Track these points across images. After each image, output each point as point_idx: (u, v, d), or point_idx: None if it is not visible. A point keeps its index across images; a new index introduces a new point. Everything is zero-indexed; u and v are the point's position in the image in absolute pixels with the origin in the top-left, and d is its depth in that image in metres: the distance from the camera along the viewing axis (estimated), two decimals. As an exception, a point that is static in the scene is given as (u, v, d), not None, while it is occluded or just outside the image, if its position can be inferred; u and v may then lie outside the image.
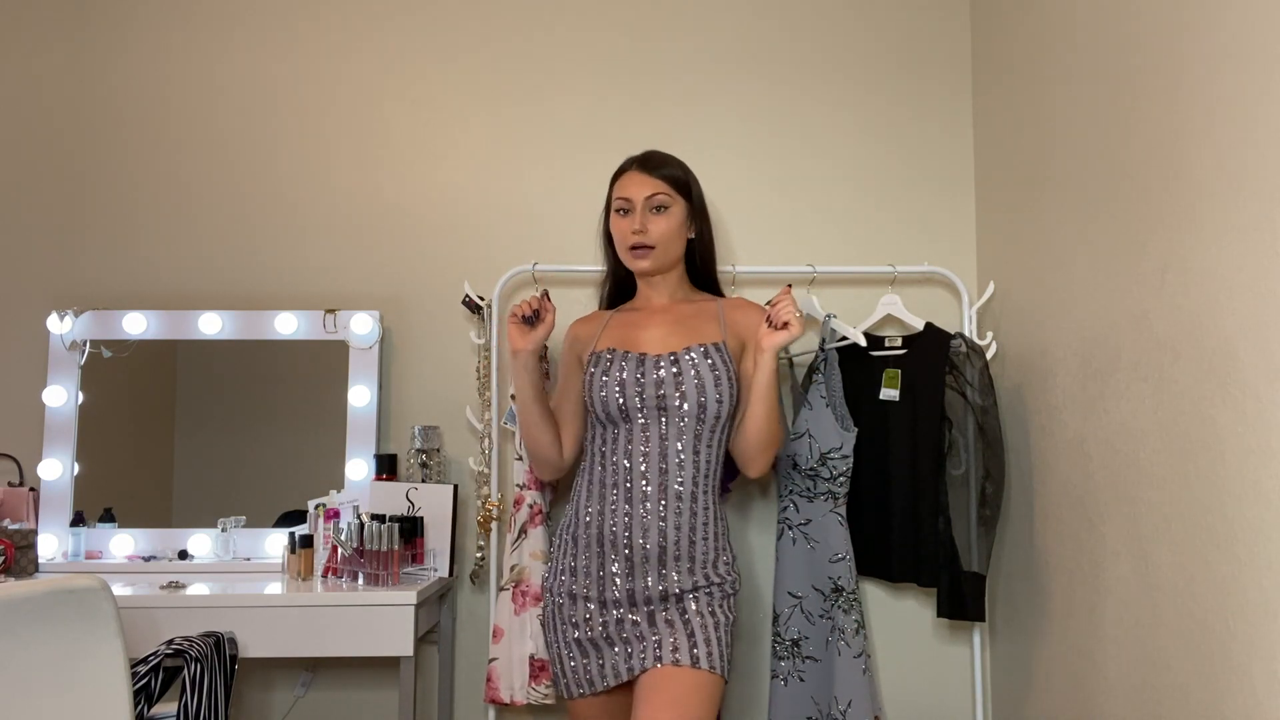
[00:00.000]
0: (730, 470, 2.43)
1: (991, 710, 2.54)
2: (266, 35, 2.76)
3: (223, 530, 2.55)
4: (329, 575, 2.36)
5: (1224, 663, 1.58)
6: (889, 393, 2.42)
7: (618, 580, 1.93)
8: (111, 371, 2.64)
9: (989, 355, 2.36)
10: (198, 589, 2.23)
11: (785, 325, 1.90)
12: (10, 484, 2.61)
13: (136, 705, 1.82)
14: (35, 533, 2.42)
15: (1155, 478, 1.78)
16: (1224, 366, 1.58)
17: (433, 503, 2.42)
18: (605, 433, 1.99)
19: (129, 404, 2.69)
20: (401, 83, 2.74)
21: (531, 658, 2.29)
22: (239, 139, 2.73)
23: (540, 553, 2.35)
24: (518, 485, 2.41)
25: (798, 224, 2.71)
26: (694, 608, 1.91)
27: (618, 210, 2.08)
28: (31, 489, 2.57)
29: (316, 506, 2.43)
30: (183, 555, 2.57)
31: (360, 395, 2.62)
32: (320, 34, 2.76)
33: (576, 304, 2.60)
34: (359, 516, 2.35)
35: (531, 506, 2.38)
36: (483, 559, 2.52)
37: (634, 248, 2.04)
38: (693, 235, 2.11)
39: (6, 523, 2.41)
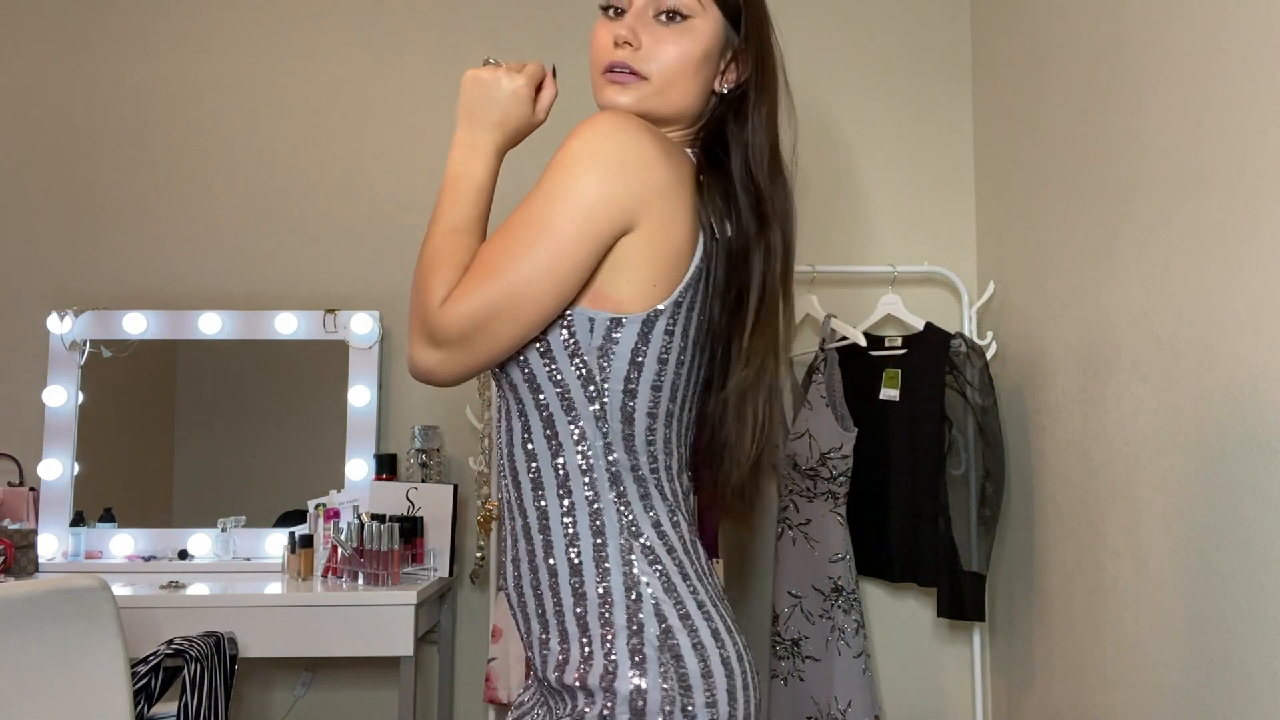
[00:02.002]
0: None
1: (991, 710, 2.54)
2: (267, 35, 2.76)
3: (223, 530, 2.55)
4: (329, 575, 2.36)
5: (1224, 663, 1.58)
6: (889, 393, 2.42)
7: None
8: (111, 371, 2.64)
9: (989, 355, 2.36)
10: (198, 589, 2.23)
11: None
12: (10, 484, 2.61)
13: (136, 705, 1.82)
14: (35, 533, 2.42)
15: (1155, 478, 1.78)
16: (1224, 366, 1.58)
17: (433, 503, 2.42)
18: None
19: (129, 404, 2.69)
20: (402, 82, 2.74)
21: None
22: (239, 139, 2.73)
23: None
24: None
25: (798, 224, 2.70)
26: None
27: (604, 9, 1.18)
28: (31, 489, 2.57)
29: (316, 506, 2.43)
30: (183, 555, 2.57)
31: (360, 395, 2.62)
32: (320, 34, 2.76)
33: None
34: (359, 516, 2.35)
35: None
36: (483, 559, 2.52)
37: (610, 69, 1.14)
38: (729, 85, 1.18)
39: (6, 523, 2.41)
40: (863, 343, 2.42)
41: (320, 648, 2.16)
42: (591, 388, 1.05)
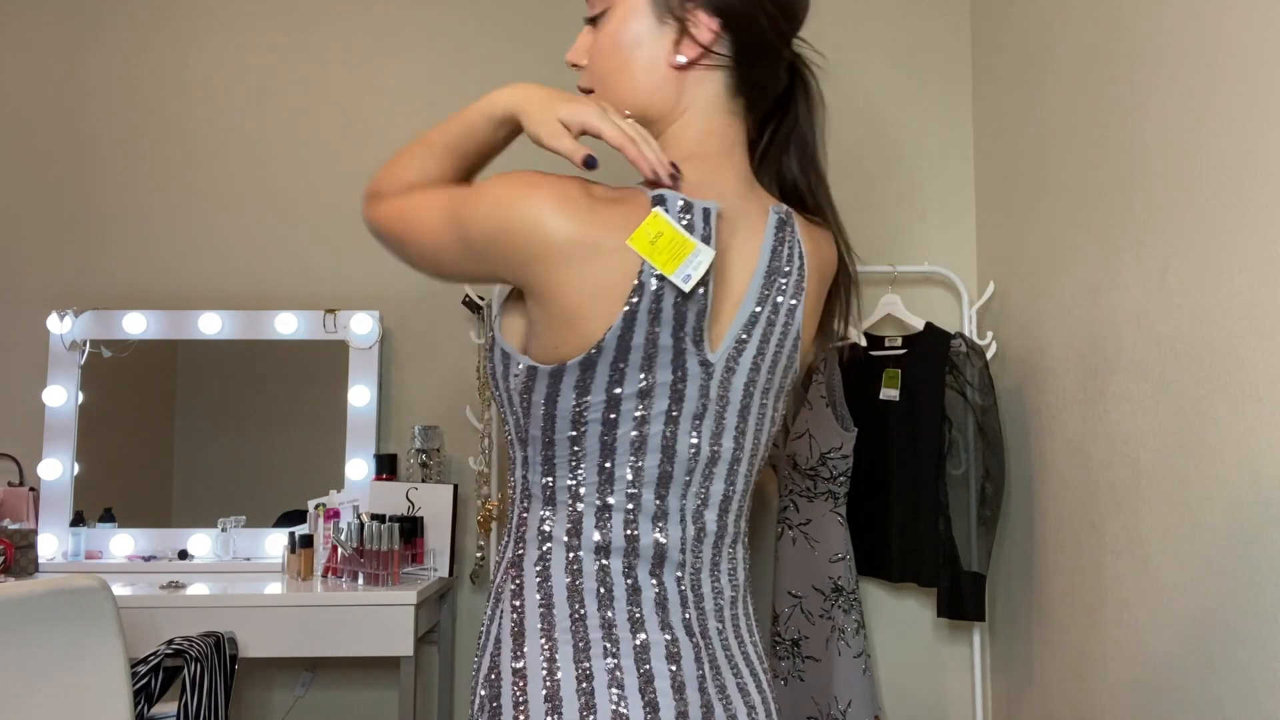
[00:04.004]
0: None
1: (991, 710, 2.54)
2: (266, 36, 2.76)
3: (223, 530, 2.55)
4: (329, 575, 2.36)
5: (1224, 663, 1.58)
6: (889, 393, 2.42)
7: None
8: (111, 371, 2.64)
9: (989, 355, 2.36)
10: (198, 589, 2.23)
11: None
12: (10, 484, 2.61)
13: (136, 705, 1.82)
14: (35, 533, 2.42)
15: (1155, 478, 1.78)
16: (1224, 366, 1.58)
17: (433, 503, 2.42)
18: None
19: (129, 404, 2.69)
20: (401, 82, 2.74)
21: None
22: (239, 139, 2.73)
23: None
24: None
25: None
26: None
27: None
28: (31, 489, 2.57)
29: (316, 506, 2.43)
30: (183, 555, 2.57)
31: (360, 395, 2.62)
32: (320, 34, 2.76)
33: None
34: (359, 516, 2.35)
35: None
36: (483, 559, 2.52)
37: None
38: (692, 53, 1.01)
39: (6, 523, 2.41)
40: (863, 342, 2.43)
41: (320, 648, 2.16)
42: (519, 425, 1.00)
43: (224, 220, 2.72)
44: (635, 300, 0.92)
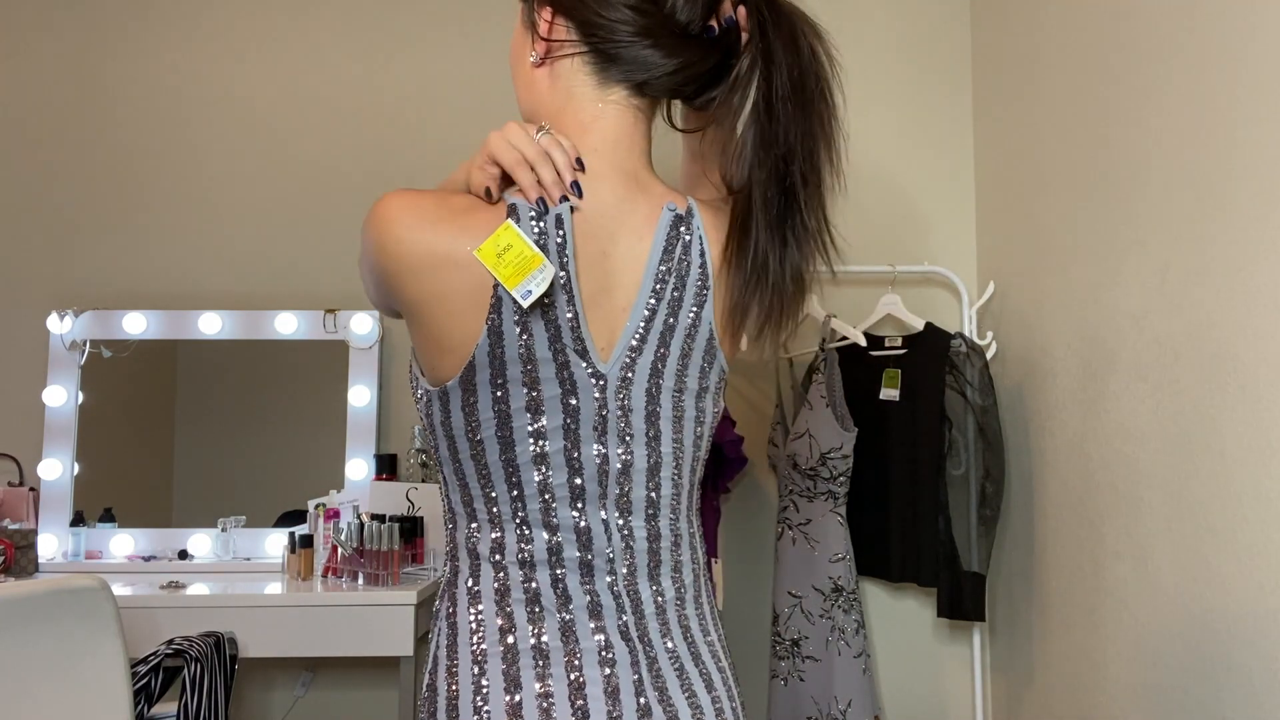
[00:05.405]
0: (730, 469, 2.43)
1: (991, 710, 2.54)
2: (266, 34, 2.76)
3: (223, 530, 2.55)
4: (329, 575, 2.36)
5: (1224, 663, 1.58)
6: (889, 393, 2.42)
7: None
8: (111, 371, 2.64)
9: (989, 355, 2.36)
10: (198, 589, 2.23)
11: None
12: (10, 484, 2.61)
13: (136, 705, 1.82)
14: (35, 533, 2.42)
15: (1155, 478, 1.78)
16: (1224, 366, 1.58)
17: (433, 503, 2.42)
18: None
19: (129, 404, 2.69)
20: (402, 81, 2.74)
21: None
22: (239, 139, 2.73)
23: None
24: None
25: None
26: None
27: None
28: (31, 489, 2.57)
29: (316, 506, 2.43)
30: (183, 555, 2.57)
31: (360, 395, 2.62)
32: (320, 33, 2.76)
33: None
34: (359, 516, 2.35)
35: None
36: (483, 559, 2.51)
37: None
38: (539, 51, 1.02)
39: (6, 523, 2.41)
40: (863, 343, 2.42)
41: (320, 648, 2.16)
42: (434, 447, 1.01)
43: (224, 220, 2.72)
44: (496, 313, 0.91)
